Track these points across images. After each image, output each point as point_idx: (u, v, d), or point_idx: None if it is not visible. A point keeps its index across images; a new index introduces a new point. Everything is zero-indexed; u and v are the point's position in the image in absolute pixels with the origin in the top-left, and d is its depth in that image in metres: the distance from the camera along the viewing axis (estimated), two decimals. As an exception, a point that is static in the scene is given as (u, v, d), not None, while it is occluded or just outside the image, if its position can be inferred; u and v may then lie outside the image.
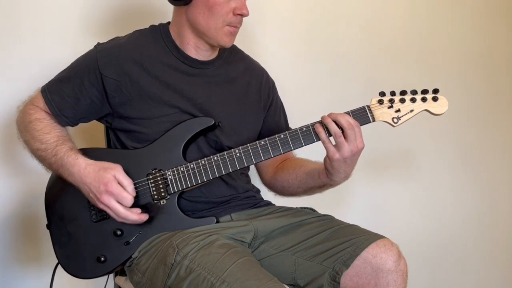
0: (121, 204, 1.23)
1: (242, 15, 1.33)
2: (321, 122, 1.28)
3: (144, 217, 1.26)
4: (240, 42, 1.53)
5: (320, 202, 1.51)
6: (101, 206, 1.24)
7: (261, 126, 1.48)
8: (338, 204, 2.10)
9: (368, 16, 2.18)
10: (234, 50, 1.50)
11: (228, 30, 1.33)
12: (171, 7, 1.39)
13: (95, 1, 1.71)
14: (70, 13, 1.67)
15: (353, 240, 1.25)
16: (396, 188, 2.26)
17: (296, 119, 1.54)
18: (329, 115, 1.27)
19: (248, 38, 1.90)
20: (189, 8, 1.34)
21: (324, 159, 1.30)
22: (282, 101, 1.58)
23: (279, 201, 1.51)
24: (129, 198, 1.23)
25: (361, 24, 2.17)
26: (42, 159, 1.32)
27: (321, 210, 1.43)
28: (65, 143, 1.30)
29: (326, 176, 1.33)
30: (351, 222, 1.35)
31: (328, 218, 1.37)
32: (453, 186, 2.41)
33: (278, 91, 1.57)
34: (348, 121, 1.24)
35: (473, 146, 2.45)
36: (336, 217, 1.39)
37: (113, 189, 1.22)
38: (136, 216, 1.25)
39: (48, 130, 1.32)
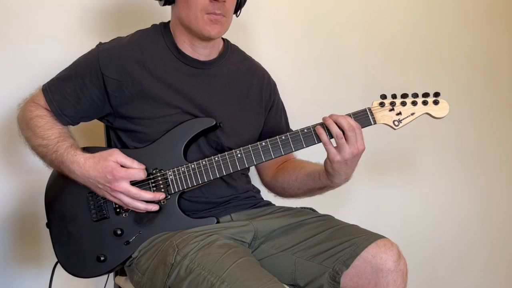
0: (135, 179, 1.22)
1: (217, 0, 1.29)
2: (322, 124, 1.28)
3: (160, 195, 1.25)
4: (241, 43, 1.53)
5: (320, 202, 1.51)
6: (114, 194, 1.23)
7: (262, 127, 1.48)
8: (338, 204, 2.10)
9: (370, 17, 2.18)
10: (236, 50, 1.50)
11: (208, 18, 1.31)
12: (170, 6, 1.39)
13: (97, 1, 1.71)
14: (71, 12, 1.67)
15: (353, 240, 1.25)
16: (396, 188, 2.27)
17: (296, 121, 1.54)
18: (330, 116, 1.27)
19: (249, 39, 1.90)
20: (176, 7, 1.35)
21: (325, 161, 1.30)
22: (283, 101, 1.58)
23: (279, 201, 1.51)
24: (139, 172, 1.23)
25: (363, 26, 2.16)
26: (43, 156, 1.31)
27: (321, 210, 1.43)
28: (66, 140, 1.30)
29: (327, 178, 1.33)
30: (351, 222, 1.35)
31: (328, 218, 1.37)
32: (453, 187, 2.42)
33: (279, 92, 1.56)
34: (349, 123, 1.24)
35: (473, 147, 2.45)
36: (336, 217, 1.39)
37: (121, 173, 1.21)
38: (151, 194, 1.24)
39: (49, 127, 1.31)
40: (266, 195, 1.54)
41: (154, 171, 1.30)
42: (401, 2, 2.25)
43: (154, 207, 1.26)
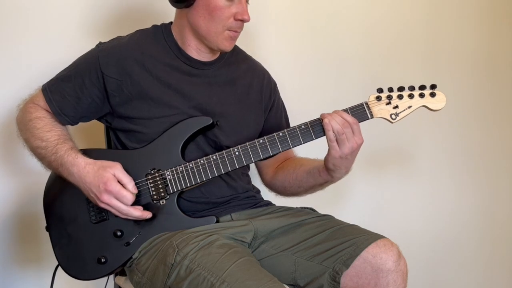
0: (122, 202, 1.23)
1: (243, 21, 1.32)
2: (320, 121, 1.28)
3: (147, 214, 1.26)
4: (241, 42, 1.52)
5: (320, 202, 1.51)
6: (102, 205, 1.24)
7: (262, 127, 1.48)
8: (338, 204, 2.10)
9: (371, 17, 2.18)
10: (236, 50, 1.49)
11: (228, 34, 1.33)
12: (172, 7, 1.39)
13: (97, 1, 1.71)
14: (71, 12, 1.67)
15: (353, 240, 1.25)
16: (396, 187, 2.26)
17: (296, 119, 1.54)
18: (329, 115, 1.27)
19: (249, 38, 1.89)
20: (190, 11, 1.33)
21: (325, 158, 1.31)
22: (283, 101, 1.58)
23: (279, 201, 1.51)
24: (129, 196, 1.23)
25: (364, 25, 2.16)
26: (42, 158, 1.32)
27: (321, 210, 1.43)
28: (66, 142, 1.30)
29: (327, 174, 1.34)
30: (351, 222, 1.35)
31: (328, 218, 1.37)
32: (454, 186, 2.41)
33: (279, 91, 1.56)
34: (346, 119, 1.25)
35: (473, 144, 2.45)
36: (336, 217, 1.39)
37: (113, 188, 1.22)
38: (139, 212, 1.25)
39: (48, 129, 1.32)
40: (267, 194, 1.54)
41: (152, 171, 1.30)
42: (402, 2, 2.25)
43: (143, 218, 1.26)
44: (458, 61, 2.39)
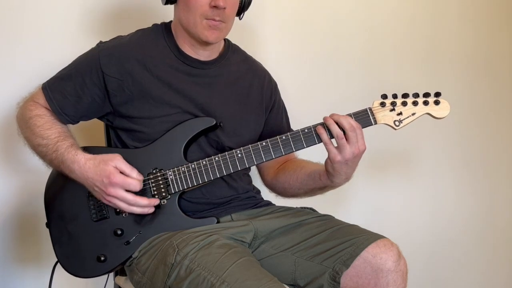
0: (129, 191, 1.22)
1: (217, 7, 1.28)
2: (323, 124, 1.28)
3: (155, 201, 1.26)
4: (242, 42, 1.53)
5: (320, 202, 1.51)
6: (108, 199, 1.23)
7: (263, 127, 1.48)
8: (338, 204, 2.10)
9: (371, 18, 2.17)
10: (237, 50, 1.49)
11: (206, 23, 1.31)
12: (173, 6, 1.39)
13: (96, 0, 1.70)
14: (72, 11, 1.67)
15: (353, 240, 1.25)
16: (396, 188, 2.27)
17: (297, 120, 1.54)
18: (331, 116, 1.27)
19: (250, 38, 1.90)
20: (176, 7, 1.36)
21: (325, 161, 1.30)
22: (284, 102, 1.58)
23: (280, 201, 1.51)
24: (135, 183, 1.23)
25: (364, 25, 2.16)
26: (43, 155, 1.31)
27: (321, 210, 1.43)
28: (66, 139, 1.30)
29: (327, 178, 1.33)
30: (351, 222, 1.35)
31: (328, 218, 1.37)
32: (454, 187, 2.42)
33: (280, 92, 1.56)
34: (350, 123, 1.24)
35: (474, 147, 2.45)
36: (336, 217, 1.39)
37: (117, 179, 1.21)
38: (146, 200, 1.24)
39: (49, 126, 1.31)
40: (267, 195, 1.54)
41: (154, 171, 1.30)
42: (402, 3, 2.25)
43: (150, 210, 1.26)
44: (459, 63, 2.39)
